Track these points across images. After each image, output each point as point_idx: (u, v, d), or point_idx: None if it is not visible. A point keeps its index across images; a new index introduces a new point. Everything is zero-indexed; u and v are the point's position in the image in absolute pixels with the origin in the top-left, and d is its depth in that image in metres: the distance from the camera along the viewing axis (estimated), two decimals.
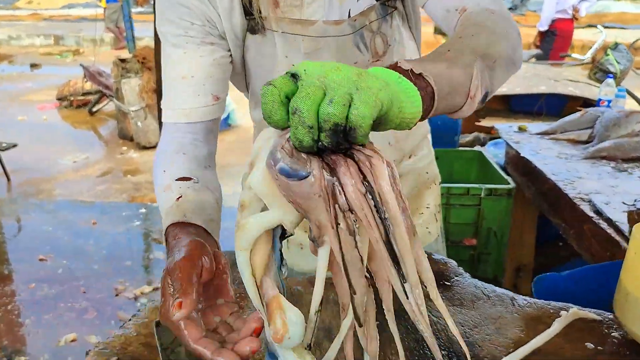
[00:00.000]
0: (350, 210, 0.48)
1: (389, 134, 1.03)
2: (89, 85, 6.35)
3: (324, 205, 0.47)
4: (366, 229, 0.48)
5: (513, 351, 0.79)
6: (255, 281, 0.54)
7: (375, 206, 0.48)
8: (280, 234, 0.54)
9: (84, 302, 2.66)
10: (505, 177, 2.02)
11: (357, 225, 0.49)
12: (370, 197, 0.48)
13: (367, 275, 0.52)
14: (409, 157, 1.09)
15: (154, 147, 5.20)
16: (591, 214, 1.36)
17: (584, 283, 1.14)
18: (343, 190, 0.47)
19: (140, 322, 0.89)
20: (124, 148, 5.20)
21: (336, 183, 0.47)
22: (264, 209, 0.53)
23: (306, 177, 0.46)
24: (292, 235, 0.54)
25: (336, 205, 0.48)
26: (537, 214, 2.11)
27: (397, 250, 0.49)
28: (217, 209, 0.79)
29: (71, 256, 3.11)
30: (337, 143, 0.46)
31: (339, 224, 0.48)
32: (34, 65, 10.09)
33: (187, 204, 0.74)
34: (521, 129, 2.11)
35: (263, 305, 0.54)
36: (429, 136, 1.19)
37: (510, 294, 0.94)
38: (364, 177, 0.48)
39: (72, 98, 6.54)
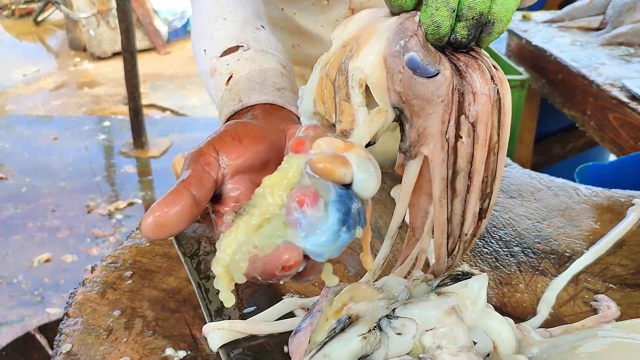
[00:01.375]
0: (473, 123, 0.44)
1: None
2: None
3: (442, 112, 0.43)
4: (477, 147, 0.45)
5: (593, 244, 0.69)
6: None
7: (498, 124, 0.45)
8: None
9: (54, 220, 2.49)
10: (516, 67, 1.87)
11: (463, 140, 0.44)
12: (497, 113, 0.44)
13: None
14: None
15: (110, 57, 4.88)
16: (624, 99, 1.26)
17: (629, 171, 1.05)
18: (474, 100, 0.43)
19: None
20: (77, 59, 4.84)
21: (467, 89, 0.43)
22: None
23: (435, 75, 0.42)
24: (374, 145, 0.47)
25: (461, 116, 0.43)
26: (537, 110, 2.00)
27: (495, 170, 0.47)
28: (286, 74, 0.58)
29: (34, 173, 2.89)
30: (471, 38, 0.42)
31: (448, 136, 0.44)
32: None
33: (241, 82, 0.55)
34: (525, 18, 1.96)
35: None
36: None
37: (571, 183, 0.84)
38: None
39: (13, 7, 5.99)
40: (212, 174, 0.41)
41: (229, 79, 0.56)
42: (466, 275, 0.52)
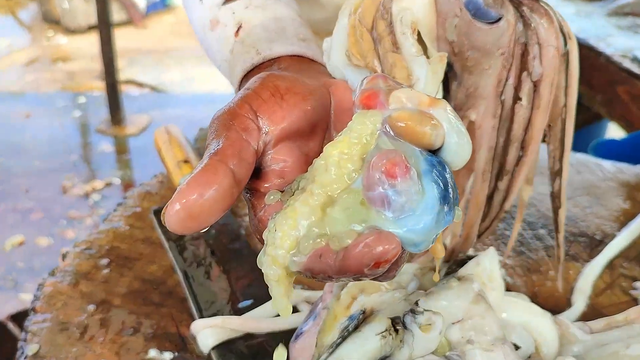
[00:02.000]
0: (536, 82, 0.38)
1: None
2: None
3: (500, 68, 0.37)
4: (538, 111, 0.39)
5: (624, 226, 0.62)
6: None
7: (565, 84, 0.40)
8: None
9: (28, 202, 2.38)
10: None
11: (522, 103, 0.39)
12: (565, 70, 0.39)
13: None
14: None
15: (85, 31, 4.70)
16: (636, 71, 1.19)
17: None
18: (540, 53, 0.37)
19: (129, 212, 0.66)
20: (51, 33, 4.65)
21: (531, 40, 0.37)
22: None
23: (497, 20, 0.36)
24: None
25: (522, 72, 0.38)
26: None
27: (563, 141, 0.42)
28: (305, 24, 0.46)
29: (6, 152, 2.76)
30: None
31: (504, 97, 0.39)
32: None
33: (255, 32, 0.44)
34: None
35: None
36: None
37: (593, 159, 0.77)
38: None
39: None
40: (252, 142, 0.30)
41: (237, 30, 0.44)
42: (471, 259, 0.45)
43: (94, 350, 0.48)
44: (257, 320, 0.47)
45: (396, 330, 0.38)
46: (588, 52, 1.37)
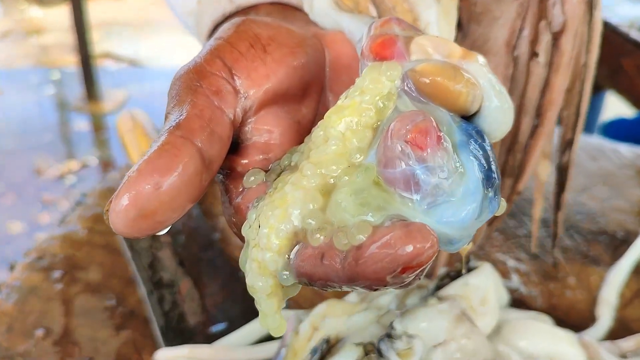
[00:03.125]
0: (556, 35, 0.32)
1: None
2: None
3: (515, 16, 0.32)
4: (558, 69, 0.33)
5: None
6: None
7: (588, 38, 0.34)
8: None
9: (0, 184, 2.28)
10: None
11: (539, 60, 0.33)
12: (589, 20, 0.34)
13: None
14: None
15: (60, 3, 4.53)
16: None
17: None
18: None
19: (89, 214, 0.58)
20: (24, 5, 4.48)
21: None
22: None
23: None
24: None
25: (540, 22, 0.32)
26: None
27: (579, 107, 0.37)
28: None
29: None
30: None
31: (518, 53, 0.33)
32: None
33: None
34: None
35: None
36: None
37: (608, 143, 0.70)
38: None
39: None
40: (227, 109, 0.22)
41: None
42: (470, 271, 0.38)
43: None
44: (232, 350, 0.40)
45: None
46: None
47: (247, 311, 0.44)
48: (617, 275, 0.49)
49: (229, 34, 0.25)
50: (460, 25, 0.32)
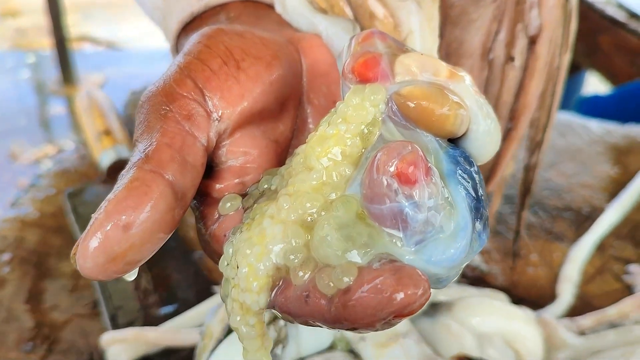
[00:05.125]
0: (533, 38, 0.32)
1: None
2: None
3: (491, 19, 0.31)
4: (533, 73, 0.33)
5: (614, 197, 0.55)
6: None
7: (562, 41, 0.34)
8: None
9: None
10: None
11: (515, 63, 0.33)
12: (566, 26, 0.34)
13: None
14: None
15: None
16: (618, 18, 1.11)
17: (631, 101, 0.91)
18: (540, 2, 0.31)
19: (42, 196, 0.56)
20: None
21: None
22: None
23: None
24: None
25: (517, 25, 0.32)
26: None
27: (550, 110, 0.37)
28: None
29: None
30: None
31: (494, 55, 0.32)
32: None
33: None
34: None
35: None
36: None
37: (579, 119, 0.69)
38: None
39: None
40: (199, 135, 0.21)
41: None
42: None
43: None
44: (179, 332, 0.38)
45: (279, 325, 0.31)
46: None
47: (199, 293, 0.43)
48: (580, 252, 0.48)
49: (199, 48, 0.23)
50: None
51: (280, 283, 0.18)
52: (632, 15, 1.11)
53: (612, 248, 0.49)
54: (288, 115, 0.24)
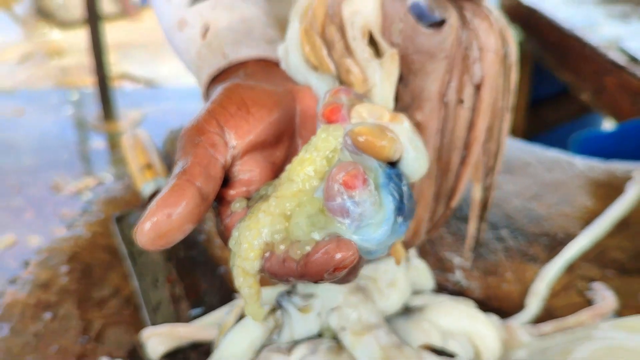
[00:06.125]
0: (477, 85, 0.39)
1: None
2: None
3: (444, 71, 0.39)
4: (480, 113, 0.40)
5: (588, 225, 0.62)
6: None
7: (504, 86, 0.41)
8: None
9: (19, 200, 2.38)
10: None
11: (464, 105, 0.41)
12: (505, 74, 0.40)
13: None
14: None
15: (80, 25, 4.69)
16: (619, 62, 1.18)
17: (628, 140, 0.98)
18: (481, 57, 0.38)
19: (93, 219, 0.66)
20: (45, 28, 4.64)
21: (472, 45, 0.38)
22: None
23: (440, 24, 0.37)
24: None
25: (464, 76, 0.39)
26: (531, 74, 1.92)
27: (499, 140, 0.44)
28: (272, 24, 0.47)
29: None
30: None
31: (447, 99, 0.40)
32: None
33: (223, 34, 0.44)
34: None
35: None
36: None
37: (565, 156, 0.76)
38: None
39: None
40: (220, 157, 0.32)
41: (205, 32, 0.44)
42: None
43: (49, 358, 0.49)
44: (205, 328, 0.47)
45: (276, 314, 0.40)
46: (575, 42, 1.37)
47: (222, 299, 0.52)
48: (550, 271, 0.55)
49: (222, 98, 0.34)
50: (402, 78, 0.40)
51: (268, 254, 0.29)
52: (632, 59, 1.18)
53: (579, 269, 0.56)
54: (283, 145, 0.36)
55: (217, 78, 0.42)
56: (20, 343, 0.50)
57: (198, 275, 0.55)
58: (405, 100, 0.41)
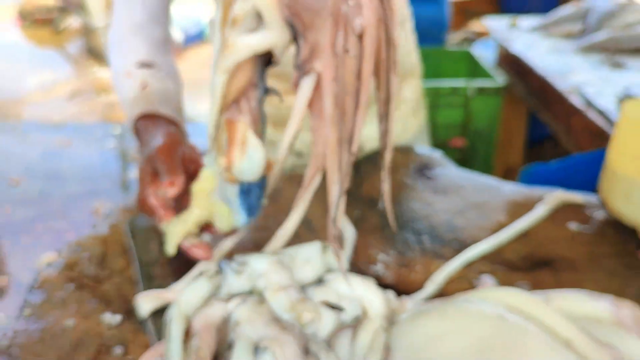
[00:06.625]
0: (360, 36, 0.45)
1: None
2: (52, 0, 6.02)
3: (331, 25, 0.45)
4: (364, 62, 0.46)
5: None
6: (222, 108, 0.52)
7: (386, 37, 0.47)
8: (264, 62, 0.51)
9: (62, 223, 2.63)
10: (494, 75, 1.96)
11: (350, 54, 0.46)
12: (384, 28, 0.46)
13: None
14: None
15: None
16: (580, 105, 1.33)
17: (572, 173, 1.12)
18: (360, 12, 0.45)
19: (113, 222, 0.85)
20: (94, 67, 5.01)
21: (352, 2, 0.44)
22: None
23: None
24: (277, 64, 0.51)
25: (346, 28, 0.45)
26: (526, 114, 2.08)
27: (389, 89, 0.50)
28: (181, 100, 0.79)
29: (46, 177, 3.04)
30: None
31: (337, 50, 0.46)
32: None
33: (155, 93, 0.74)
34: (511, 25, 2.03)
35: (217, 137, 0.54)
36: (408, 25, 1.11)
37: (496, 182, 0.92)
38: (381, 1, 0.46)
39: (35, 15, 6.22)
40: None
41: (144, 87, 0.73)
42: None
43: (68, 312, 0.67)
44: (179, 292, 0.65)
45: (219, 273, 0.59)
46: (549, 87, 1.53)
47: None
48: (450, 266, 0.71)
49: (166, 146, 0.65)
50: (300, 33, 0.46)
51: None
52: (589, 103, 1.33)
53: (475, 265, 0.72)
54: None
55: (143, 117, 0.72)
56: (50, 304, 0.69)
57: (178, 263, 0.74)
58: (305, 53, 0.47)
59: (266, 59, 0.50)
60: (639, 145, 0.74)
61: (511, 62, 1.90)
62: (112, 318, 0.66)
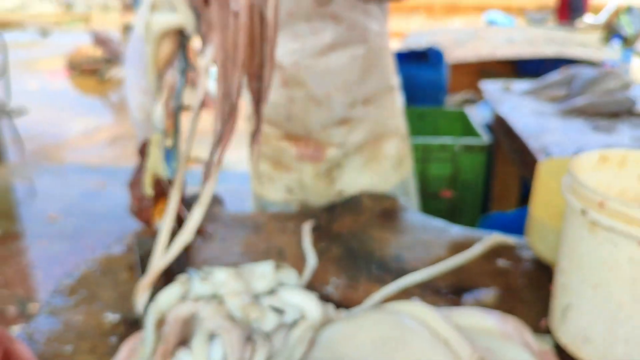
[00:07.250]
0: (235, 14, 0.63)
1: (338, 78, 1.14)
2: (99, 52, 6.49)
3: (217, 7, 0.63)
4: (240, 34, 0.64)
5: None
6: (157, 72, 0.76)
7: (260, 17, 0.64)
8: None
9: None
10: (482, 134, 2.14)
11: (230, 27, 0.64)
12: (258, 10, 0.64)
13: None
14: (363, 104, 1.19)
15: None
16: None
17: (524, 220, 1.26)
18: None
19: (126, 240, 1.04)
20: None
21: None
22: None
23: None
24: (189, 39, 0.74)
25: (227, 10, 0.63)
26: (518, 170, 2.23)
27: (262, 58, 0.68)
28: None
29: (82, 215, 3.30)
30: None
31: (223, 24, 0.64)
32: (44, 33, 10.24)
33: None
34: (505, 89, 2.21)
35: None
36: (397, 93, 1.28)
37: (447, 225, 1.08)
38: None
39: (82, 65, 6.70)
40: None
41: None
42: None
43: (82, 313, 0.85)
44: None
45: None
46: (524, 146, 1.69)
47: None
48: (387, 289, 0.87)
49: None
50: (199, 13, 0.68)
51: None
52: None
53: (410, 289, 0.88)
54: None
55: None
56: (68, 305, 0.87)
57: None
58: (205, 28, 0.67)
59: (185, 38, 0.72)
60: (552, 196, 0.90)
61: (501, 122, 2.06)
62: (112, 317, 0.84)
